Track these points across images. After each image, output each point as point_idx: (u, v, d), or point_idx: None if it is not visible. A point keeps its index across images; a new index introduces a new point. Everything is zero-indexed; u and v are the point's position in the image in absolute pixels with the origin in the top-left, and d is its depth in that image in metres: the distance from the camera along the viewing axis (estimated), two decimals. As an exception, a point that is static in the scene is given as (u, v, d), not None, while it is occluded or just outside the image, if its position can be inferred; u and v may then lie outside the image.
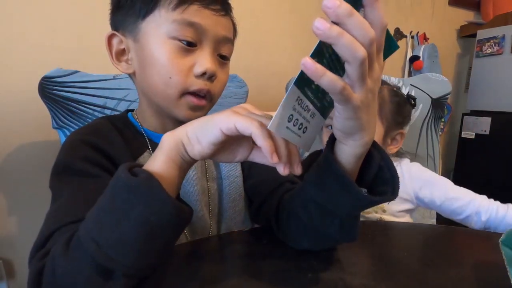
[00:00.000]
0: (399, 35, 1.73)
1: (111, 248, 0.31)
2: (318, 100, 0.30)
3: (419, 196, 0.81)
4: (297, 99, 0.28)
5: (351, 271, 0.41)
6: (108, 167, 0.46)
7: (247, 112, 0.33)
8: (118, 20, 0.50)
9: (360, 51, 0.24)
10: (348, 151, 0.33)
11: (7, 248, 0.99)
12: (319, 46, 0.25)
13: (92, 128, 0.52)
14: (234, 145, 0.35)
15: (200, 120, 0.34)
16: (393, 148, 0.84)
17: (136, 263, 0.33)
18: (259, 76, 1.35)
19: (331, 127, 0.77)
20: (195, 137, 0.33)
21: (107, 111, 0.78)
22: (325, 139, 0.80)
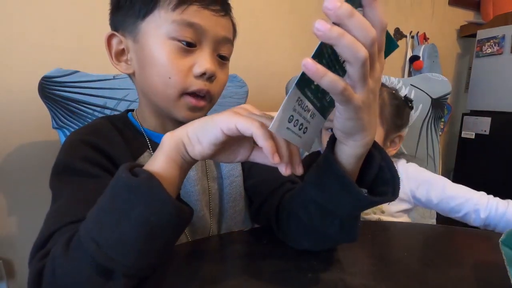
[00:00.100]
0: (399, 35, 1.73)
1: (111, 248, 0.31)
2: (318, 100, 0.30)
3: (416, 195, 0.81)
4: (297, 100, 0.28)
5: (351, 271, 0.41)
6: (108, 167, 0.46)
7: (248, 113, 0.33)
8: (118, 21, 0.50)
9: (362, 51, 0.24)
10: (349, 152, 0.33)
11: (7, 248, 0.99)
12: (320, 47, 0.25)
13: (92, 128, 0.52)
14: (234, 145, 0.35)
15: (200, 120, 0.34)
16: (391, 150, 0.84)
17: (136, 263, 0.33)
18: (259, 76, 1.35)
19: (331, 130, 0.77)
20: (195, 137, 0.33)
21: (107, 111, 0.78)
22: (324, 141, 0.81)
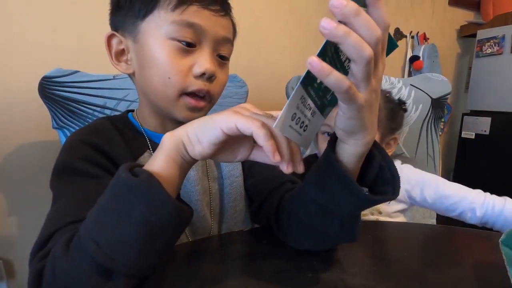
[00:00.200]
0: (399, 35, 1.73)
1: (111, 248, 0.31)
2: (319, 98, 0.30)
3: (412, 195, 0.82)
4: (301, 98, 0.28)
5: (351, 271, 0.41)
6: (109, 167, 0.46)
7: (248, 112, 0.33)
8: (118, 21, 0.50)
9: (367, 50, 0.24)
10: (350, 151, 0.33)
11: (7, 248, 0.99)
12: (326, 45, 0.24)
13: (92, 128, 0.52)
14: (234, 144, 0.35)
15: (200, 120, 0.34)
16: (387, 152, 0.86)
17: (136, 263, 0.33)
18: (259, 76, 1.35)
19: (327, 133, 0.78)
20: (195, 137, 0.33)
21: (107, 111, 0.78)
22: (320, 144, 0.82)
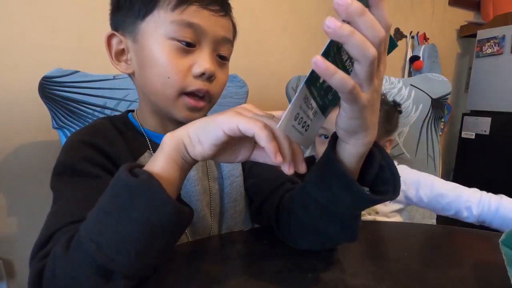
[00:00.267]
0: (399, 35, 1.73)
1: (111, 249, 0.31)
2: (321, 98, 0.30)
3: (408, 195, 0.83)
4: (304, 98, 0.28)
5: (351, 271, 0.41)
6: (109, 168, 0.46)
7: (249, 113, 0.33)
8: (118, 21, 0.50)
9: (371, 50, 0.24)
10: (351, 150, 0.33)
11: (7, 248, 0.99)
12: (330, 45, 0.24)
13: (92, 128, 0.52)
14: (235, 145, 0.35)
15: (201, 121, 0.34)
16: None
17: (136, 263, 0.33)
18: (259, 76, 1.35)
19: (324, 136, 0.78)
20: (196, 137, 0.33)
21: (107, 111, 0.78)
22: (317, 146, 0.82)
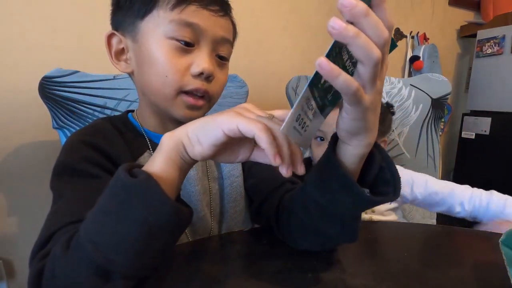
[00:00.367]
0: (399, 35, 1.73)
1: (109, 249, 0.31)
2: (321, 98, 0.30)
3: (403, 194, 0.84)
4: (306, 99, 0.28)
5: (351, 271, 0.41)
6: (109, 168, 0.46)
7: (249, 113, 0.32)
8: (118, 20, 0.50)
9: (375, 52, 0.24)
10: (352, 152, 0.33)
11: (7, 248, 0.99)
12: (334, 46, 0.24)
13: (92, 128, 0.52)
14: (235, 145, 0.35)
15: (201, 121, 0.34)
16: None
17: (135, 263, 0.32)
18: (259, 76, 1.35)
19: (319, 138, 0.78)
20: (195, 137, 0.33)
21: (107, 111, 0.78)
22: (313, 148, 0.82)
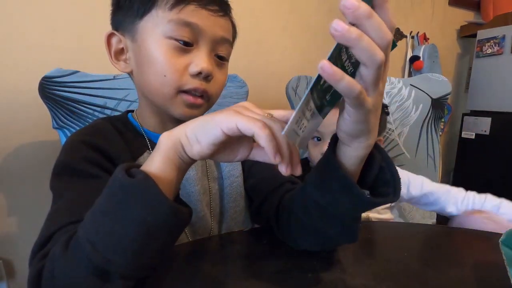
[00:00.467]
0: (399, 35, 1.73)
1: (107, 249, 0.31)
2: (319, 99, 0.29)
3: (400, 194, 0.84)
4: (307, 101, 0.27)
5: (351, 271, 0.41)
6: (108, 168, 0.46)
7: (248, 111, 0.32)
8: (118, 20, 0.50)
9: (379, 54, 0.24)
10: (352, 153, 0.33)
11: (7, 248, 0.99)
12: (337, 48, 0.24)
13: (92, 129, 0.52)
14: (234, 144, 0.35)
15: (199, 119, 0.34)
16: None
17: (133, 263, 0.32)
18: (259, 76, 1.35)
19: (316, 138, 0.78)
20: (194, 136, 0.33)
21: (107, 111, 0.78)
22: (310, 148, 0.82)
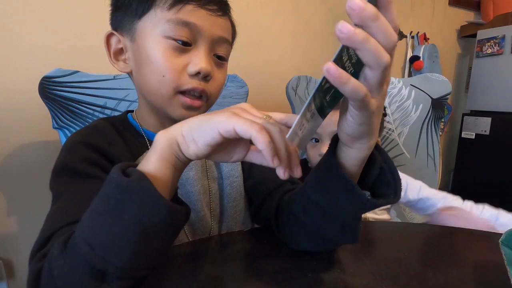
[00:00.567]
0: (399, 35, 1.73)
1: (104, 250, 0.31)
2: (320, 100, 0.29)
3: None
4: (309, 104, 0.27)
5: (351, 271, 0.41)
6: (108, 168, 0.45)
7: (246, 113, 0.32)
8: (117, 20, 0.50)
9: (385, 56, 0.23)
10: (354, 155, 0.33)
11: (7, 248, 0.99)
12: (342, 50, 0.24)
13: (92, 129, 0.52)
14: (230, 145, 0.35)
15: (196, 119, 0.33)
16: None
17: (130, 264, 0.32)
18: (259, 76, 1.35)
19: (314, 139, 0.78)
20: (190, 136, 0.32)
21: (107, 111, 0.78)
22: (309, 150, 0.82)
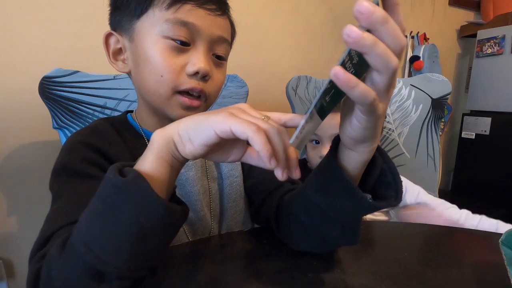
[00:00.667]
0: (399, 35, 1.73)
1: (101, 250, 0.31)
2: (319, 100, 0.29)
3: None
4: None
5: (351, 271, 0.41)
6: (107, 168, 0.45)
7: (244, 114, 0.32)
8: (116, 20, 0.50)
9: (394, 60, 0.23)
10: (356, 158, 0.33)
11: (7, 248, 0.99)
12: (349, 54, 0.23)
13: (91, 129, 0.51)
14: (227, 145, 0.34)
15: (193, 119, 0.33)
16: None
17: (128, 264, 0.32)
18: (259, 76, 1.35)
19: (315, 141, 0.78)
20: (187, 136, 0.32)
21: (107, 111, 0.78)
22: (308, 151, 0.82)
